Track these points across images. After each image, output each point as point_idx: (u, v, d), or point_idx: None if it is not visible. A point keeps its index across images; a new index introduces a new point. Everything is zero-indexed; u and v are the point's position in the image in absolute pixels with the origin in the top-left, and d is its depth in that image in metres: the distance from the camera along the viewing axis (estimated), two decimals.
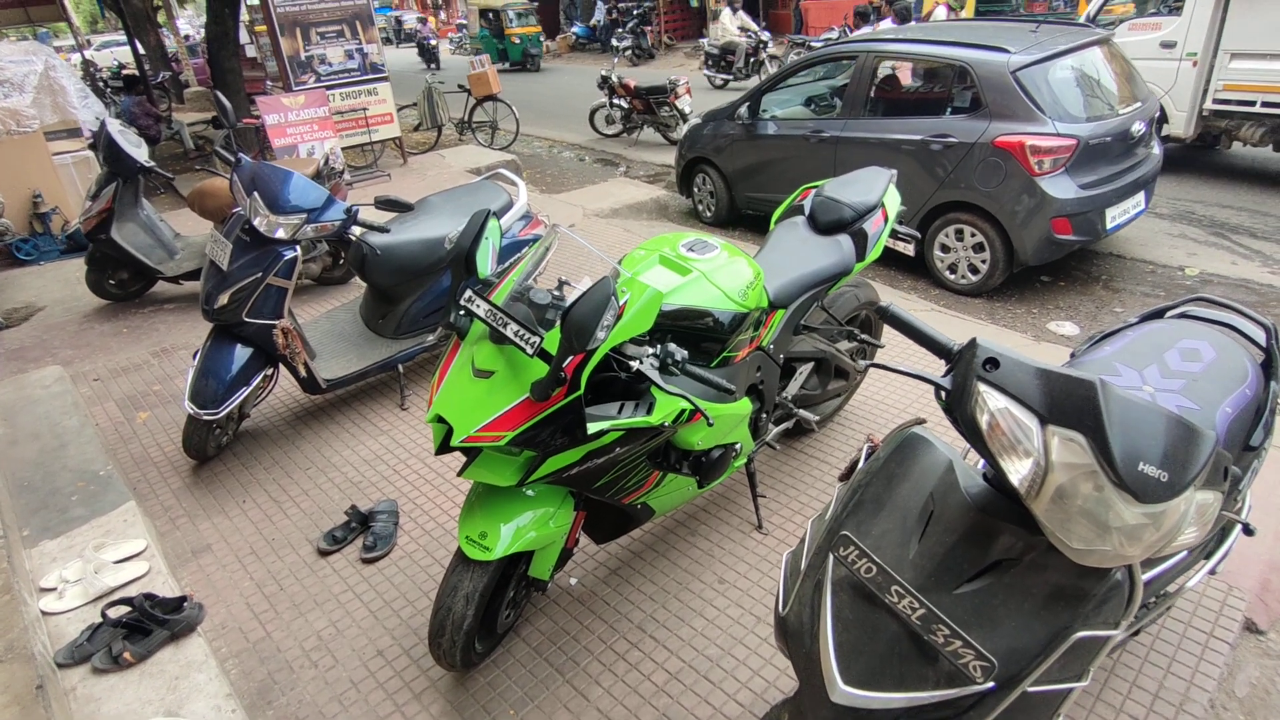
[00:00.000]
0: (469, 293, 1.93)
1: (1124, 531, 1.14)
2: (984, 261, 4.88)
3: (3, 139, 6.30)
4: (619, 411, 1.91)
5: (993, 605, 1.27)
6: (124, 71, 14.29)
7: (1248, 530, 1.67)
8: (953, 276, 5.09)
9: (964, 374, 1.25)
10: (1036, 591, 1.26)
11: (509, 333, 1.84)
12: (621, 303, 1.83)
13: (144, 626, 2.36)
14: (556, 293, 2.01)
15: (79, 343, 4.82)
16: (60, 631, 2.42)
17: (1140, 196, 4.90)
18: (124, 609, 2.40)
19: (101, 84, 12.90)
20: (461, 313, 1.94)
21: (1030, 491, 1.19)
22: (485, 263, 2.02)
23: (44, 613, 2.49)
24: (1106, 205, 4.61)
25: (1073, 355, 2.10)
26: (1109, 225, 4.68)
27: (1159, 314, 2.14)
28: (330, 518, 3.04)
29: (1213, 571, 1.92)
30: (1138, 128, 4.72)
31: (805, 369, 2.96)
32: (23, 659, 2.11)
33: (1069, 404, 1.16)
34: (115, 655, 2.27)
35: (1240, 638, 2.30)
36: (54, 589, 2.57)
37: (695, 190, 6.87)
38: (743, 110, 6.05)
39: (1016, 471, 1.20)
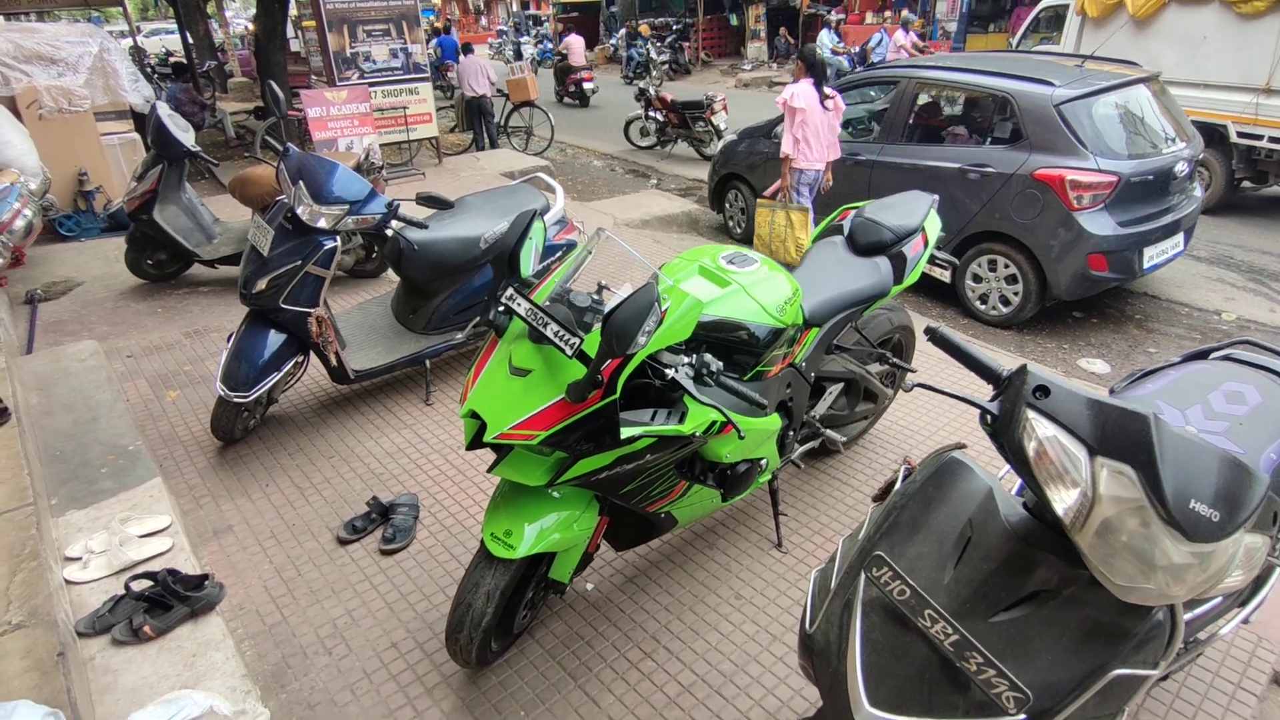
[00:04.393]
0: (510, 290, 1.94)
1: (1170, 570, 1.12)
2: (1016, 293, 4.84)
3: (54, 116, 6.45)
4: (652, 418, 1.91)
5: (1029, 636, 1.25)
6: (171, 59, 14.60)
7: None
8: (983, 307, 5.05)
9: (1013, 400, 1.24)
10: (1075, 625, 1.24)
11: (549, 333, 1.84)
12: (662, 310, 1.83)
13: (165, 602, 2.37)
14: (596, 296, 2.02)
15: (114, 319, 4.91)
16: (82, 601, 2.44)
17: (1179, 238, 4.85)
18: (146, 583, 2.41)
19: (149, 70, 13.18)
20: (502, 310, 1.95)
21: (1075, 523, 1.17)
22: (528, 262, 2.04)
23: (67, 581, 2.52)
24: (1144, 244, 4.56)
25: (1111, 391, 2.07)
26: (1146, 265, 4.63)
27: (1202, 355, 2.11)
28: (351, 507, 3.06)
29: (1246, 620, 1.88)
30: (1180, 168, 4.67)
31: (835, 389, 2.95)
32: (46, 625, 2.14)
33: (1120, 436, 1.14)
34: (135, 628, 2.29)
35: (1268, 690, 2.25)
36: (79, 559, 2.60)
37: (727, 206, 6.88)
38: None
39: (1062, 501, 1.18)
